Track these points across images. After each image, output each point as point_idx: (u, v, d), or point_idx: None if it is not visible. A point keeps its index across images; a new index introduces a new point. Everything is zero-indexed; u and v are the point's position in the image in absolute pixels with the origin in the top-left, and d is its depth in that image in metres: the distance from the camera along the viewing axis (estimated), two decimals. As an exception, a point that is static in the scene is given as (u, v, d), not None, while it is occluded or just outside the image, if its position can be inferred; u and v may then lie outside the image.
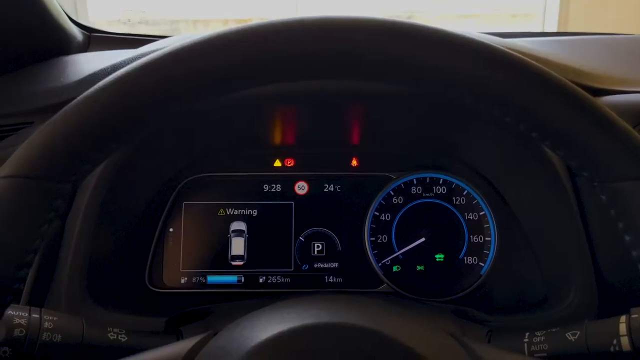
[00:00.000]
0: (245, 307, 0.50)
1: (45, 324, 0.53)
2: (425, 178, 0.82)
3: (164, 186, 0.81)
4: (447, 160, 0.82)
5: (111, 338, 0.58)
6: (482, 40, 0.42)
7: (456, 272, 0.80)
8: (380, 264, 0.81)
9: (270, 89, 0.66)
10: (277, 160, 0.83)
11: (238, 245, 0.81)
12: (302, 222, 0.82)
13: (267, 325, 0.43)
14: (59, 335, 0.54)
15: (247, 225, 0.82)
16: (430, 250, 0.80)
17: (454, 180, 0.82)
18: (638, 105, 0.71)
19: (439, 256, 0.80)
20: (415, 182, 0.82)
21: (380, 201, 0.82)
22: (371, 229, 0.81)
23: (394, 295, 0.80)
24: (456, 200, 0.81)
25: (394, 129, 0.82)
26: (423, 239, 0.80)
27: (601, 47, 0.93)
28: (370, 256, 0.81)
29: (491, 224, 0.80)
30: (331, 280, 0.81)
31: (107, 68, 0.77)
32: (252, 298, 0.74)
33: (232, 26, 0.43)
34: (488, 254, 0.80)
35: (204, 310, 0.69)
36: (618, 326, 0.53)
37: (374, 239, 0.81)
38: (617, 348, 0.52)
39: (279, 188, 0.83)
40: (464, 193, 0.81)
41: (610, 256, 0.68)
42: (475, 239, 0.80)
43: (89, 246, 0.69)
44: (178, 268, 0.80)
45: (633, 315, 0.52)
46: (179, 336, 0.63)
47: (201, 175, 0.82)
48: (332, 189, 0.83)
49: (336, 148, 0.84)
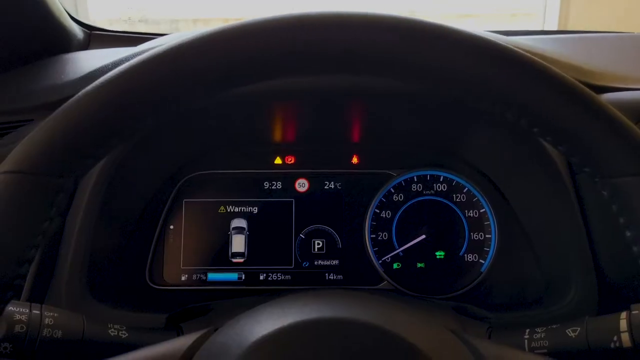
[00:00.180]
0: (245, 304, 0.50)
1: (46, 320, 0.53)
2: (426, 175, 0.82)
3: (165, 183, 0.81)
4: (448, 158, 0.82)
5: (112, 334, 0.58)
6: (484, 36, 0.42)
7: (456, 270, 0.80)
8: (380, 261, 0.81)
9: (271, 86, 0.66)
10: (278, 158, 0.83)
11: (238, 243, 0.81)
12: (303, 220, 0.82)
13: (268, 321, 0.43)
14: (60, 332, 0.54)
15: (248, 222, 0.82)
16: (430, 248, 0.80)
17: (454, 177, 0.82)
18: (638, 102, 0.71)
19: (440, 253, 0.80)
20: (415, 180, 0.82)
21: (381, 198, 0.82)
22: (372, 226, 0.81)
23: (395, 292, 0.80)
24: (456, 197, 0.81)
25: (395, 127, 0.82)
26: (423, 236, 0.80)
27: (602, 45, 0.93)
28: (370, 253, 0.81)
29: (491, 222, 0.80)
30: (331, 277, 0.81)
31: (108, 65, 0.77)
32: (253, 295, 0.74)
33: (232, 22, 0.43)
34: (488, 251, 0.80)
35: (204, 307, 0.69)
36: (618, 322, 0.53)
37: (374, 236, 0.81)
38: (618, 344, 0.52)
39: (279, 185, 0.83)
40: (465, 190, 0.81)
41: (610, 253, 0.68)
42: (476, 237, 0.80)
43: (89, 243, 0.69)
44: (178, 265, 0.80)
45: (633, 312, 0.52)
46: (179, 333, 0.63)
47: (202, 172, 0.82)
48: (333, 187, 0.83)
49: (337, 145, 0.84)
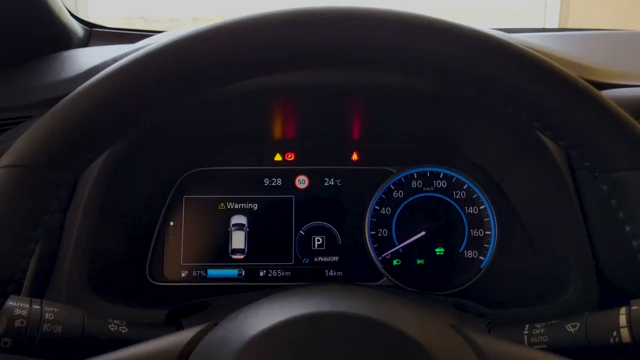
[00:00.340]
0: (245, 300, 0.50)
1: (46, 315, 0.53)
2: (426, 172, 0.82)
3: (165, 180, 0.81)
4: (448, 154, 0.82)
5: (112, 330, 0.58)
6: (485, 30, 0.42)
7: (456, 266, 0.80)
8: (380, 258, 0.81)
9: (271, 82, 0.67)
10: (278, 154, 0.83)
11: (238, 239, 0.81)
12: (303, 216, 0.82)
13: (268, 315, 0.43)
14: (60, 327, 0.54)
15: (248, 219, 0.82)
16: (430, 244, 0.81)
17: (454, 174, 0.82)
18: (639, 98, 0.71)
19: (439, 250, 0.80)
20: (415, 176, 0.82)
21: (381, 195, 0.82)
22: (371, 222, 0.81)
23: (394, 288, 0.80)
24: (456, 194, 0.81)
25: (395, 124, 0.82)
26: (423, 233, 0.81)
27: (602, 42, 0.94)
28: (370, 250, 0.81)
29: (491, 218, 0.80)
30: (331, 273, 0.81)
31: (108, 62, 0.77)
32: (253, 291, 0.74)
33: (233, 17, 0.43)
34: (488, 247, 0.80)
35: (204, 303, 0.69)
36: (618, 318, 0.53)
37: (374, 232, 0.81)
38: (617, 340, 0.52)
39: (279, 182, 0.83)
40: (464, 187, 0.81)
41: (610, 249, 0.68)
42: (476, 233, 0.80)
43: (90, 239, 0.69)
44: (179, 261, 0.80)
45: (633, 307, 0.53)
46: (179, 328, 0.63)
47: (202, 169, 0.82)
48: (333, 183, 0.83)
49: (337, 142, 0.84)
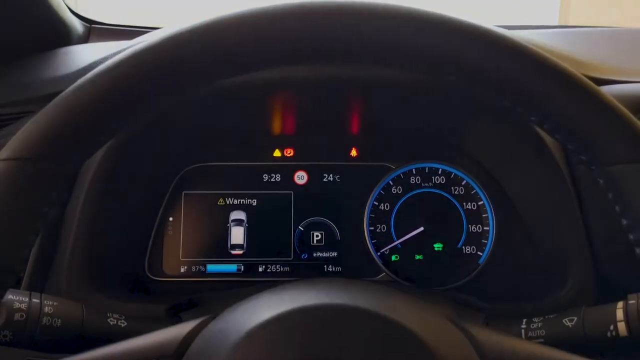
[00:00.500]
0: (244, 295, 0.50)
1: (46, 309, 0.54)
2: (424, 168, 0.82)
3: (164, 175, 0.81)
4: (446, 150, 0.82)
5: (111, 323, 0.58)
6: (483, 25, 0.42)
7: (454, 262, 0.80)
8: (379, 253, 0.81)
9: (270, 77, 0.67)
10: (277, 150, 0.84)
11: (238, 235, 0.81)
12: (302, 212, 0.82)
13: (266, 307, 0.43)
14: (59, 320, 0.54)
15: (247, 214, 0.82)
16: (428, 240, 0.81)
17: (452, 170, 0.82)
18: (637, 94, 0.72)
19: (438, 245, 0.81)
20: (414, 172, 0.82)
21: (380, 191, 0.82)
22: (370, 218, 0.81)
23: (393, 284, 0.80)
24: (455, 190, 0.82)
25: (394, 119, 0.82)
26: (422, 229, 0.81)
27: (601, 39, 0.94)
28: (369, 245, 0.81)
29: (490, 214, 0.80)
30: (330, 269, 0.81)
31: (108, 57, 0.77)
32: (252, 286, 0.74)
33: (235, 10, 0.43)
34: (486, 243, 0.80)
35: (203, 298, 0.69)
36: (615, 312, 0.53)
37: (373, 228, 0.81)
38: (614, 333, 0.53)
39: (278, 178, 0.83)
40: (463, 183, 0.82)
41: (608, 244, 0.68)
42: (474, 229, 0.80)
43: (89, 234, 0.69)
44: (178, 257, 0.81)
45: (630, 301, 0.53)
46: (178, 322, 0.63)
47: (201, 164, 0.82)
48: (332, 179, 0.83)
49: (336, 138, 0.84)
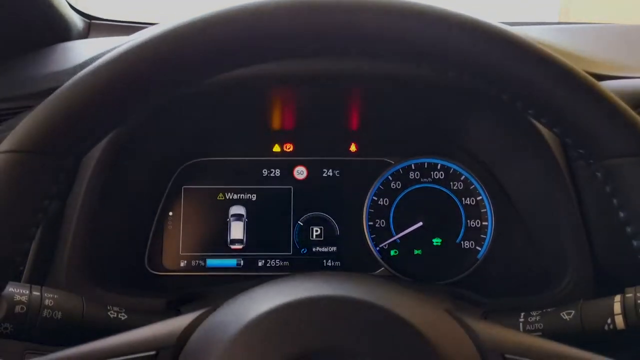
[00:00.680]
0: (244, 288, 0.51)
1: (46, 302, 0.54)
2: (424, 163, 0.83)
3: (164, 170, 0.81)
4: (445, 146, 0.83)
5: (111, 316, 0.59)
6: (484, 19, 0.42)
7: (453, 256, 0.80)
8: (378, 248, 0.81)
9: (270, 72, 0.67)
10: (277, 145, 0.84)
11: (237, 229, 0.82)
12: (301, 207, 0.82)
13: (265, 299, 0.43)
14: (59, 313, 0.54)
15: (246, 209, 0.82)
16: (427, 235, 0.81)
17: (451, 165, 0.82)
18: (637, 89, 0.72)
19: (437, 240, 0.81)
20: (413, 167, 0.83)
21: (379, 186, 0.82)
22: (369, 213, 0.82)
23: (392, 278, 0.80)
24: (454, 185, 0.82)
25: (393, 115, 0.82)
26: (421, 224, 0.81)
27: (602, 35, 0.94)
28: (368, 240, 0.81)
29: (488, 209, 0.81)
30: (329, 264, 0.82)
31: (107, 52, 0.77)
32: (252, 280, 0.74)
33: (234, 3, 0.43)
34: (485, 238, 0.80)
35: (203, 292, 0.69)
36: (613, 305, 0.54)
37: (372, 223, 0.82)
38: (612, 327, 0.53)
39: (278, 173, 0.83)
40: (462, 178, 0.82)
41: (606, 238, 0.68)
42: (473, 224, 0.81)
43: (89, 228, 0.69)
44: (177, 251, 0.81)
45: (627, 295, 0.53)
46: (178, 315, 0.63)
47: (201, 159, 0.83)
48: (331, 174, 0.83)
49: (335, 133, 0.84)
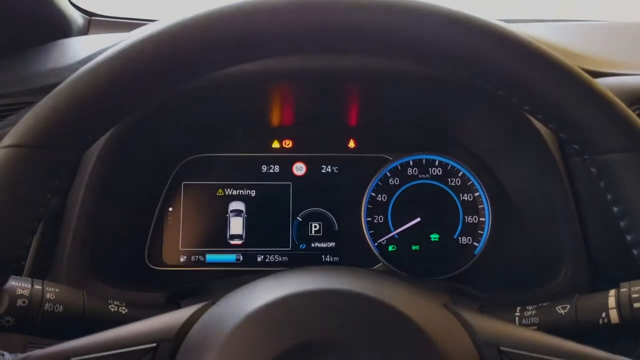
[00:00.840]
0: (243, 283, 0.51)
1: (48, 295, 0.54)
2: (422, 159, 0.83)
3: (164, 165, 0.82)
4: (443, 142, 0.83)
5: (112, 310, 0.59)
6: (477, 16, 0.43)
7: (451, 252, 0.81)
8: (376, 244, 0.82)
9: (269, 68, 0.67)
10: (276, 141, 0.84)
11: (236, 225, 0.82)
12: (300, 203, 0.83)
13: (264, 293, 0.44)
14: (61, 306, 0.55)
15: (246, 205, 0.83)
16: (425, 230, 0.82)
17: (449, 161, 0.83)
18: (633, 86, 0.72)
19: (434, 236, 0.82)
20: (411, 164, 0.83)
21: (377, 182, 0.83)
22: (368, 209, 0.82)
23: (390, 273, 0.81)
24: (451, 181, 0.82)
25: (391, 111, 0.83)
26: (418, 219, 0.82)
27: (599, 32, 0.94)
28: (366, 236, 0.82)
29: (485, 205, 0.81)
30: (328, 259, 0.82)
31: (107, 49, 0.77)
32: (251, 274, 0.75)
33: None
34: (482, 234, 0.81)
35: (202, 286, 0.70)
36: (607, 300, 0.54)
37: (370, 219, 0.82)
38: (606, 321, 0.54)
39: (277, 169, 0.84)
40: (459, 174, 0.83)
41: (601, 234, 0.69)
42: (470, 220, 0.81)
43: (89, 223, 0.70)
44: (177, 247, 0.81)
45: (622, 289, 0.54)
46: (178, 309, 0.64)
47: (200, 155, 0.83)
48: (330, 170, 0.84)
49: (334, 129, 0.85)
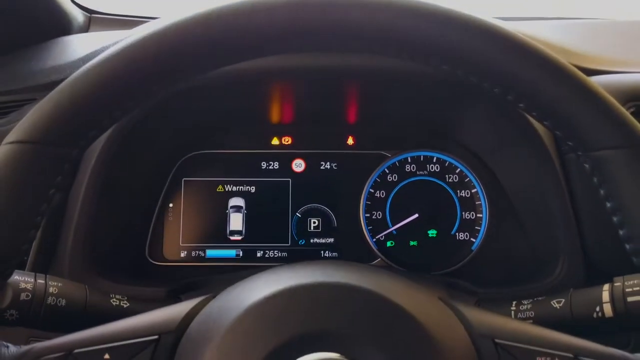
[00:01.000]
0: (243, 277, 0.52)
1: (50, 289, 0.55)
2: (420, 156, 0.84)
3: (164, 162, 0.83)
4: (441, 139, 0.84)
5: (114, 304, 0.60)
6: (473, 15, 0.44)
7: (448, 248, 0.82)
8: (374, 239, 0.83)
9: (269, 66, 0.68)
10: (275, 138, 0.85)
11: (236, 221, 0.83)
12: (299, 199, 0.84)
13: (264, 286, 0.45)
14: (64, 300, 0.56)
15: (245, 201, 0.84)
16: (423, 226, 0.83)
17: (447, 158, 0.84)
18: (627, 84, 0.73)
19: (432, 232, 0.83)
20: (409, 160, 0.84)
21: (376, 179, 0.84)
22: (366, 205, 0.83)
23: (388, 269, 0.82)
24: (449, 177, 0.83)
25: (389, 109, 0.83)
26: (416, 215, 0.83)
27: (594, 30, 0.95)
28: (365, 232, 0.83)
29: (483, 201, 0.82)
30: (327, 255, 0.83)
31: (108, 46, 0.77)
32: (251, 269, 0.76)
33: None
34: (479, 230, 0.82)
35: (203, 281, 0.71)
36: (601, 294, 0.55)
37: (368, 215, 0.83)
38: (600, 314, 0.55)
39: (276, 165, 0.84)
40: (457, 171, 0.83)
41: (596, 229, 0.70)
42: (467, 216, 0.82)
43: (91, 219, 0.70)
44: (178, 242, 0.82)
45: (616, 284, 0.55)
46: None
47: (200, 152, 0.84)
48: (329, 167, 0.85)
49: (333, 127, 0.86)
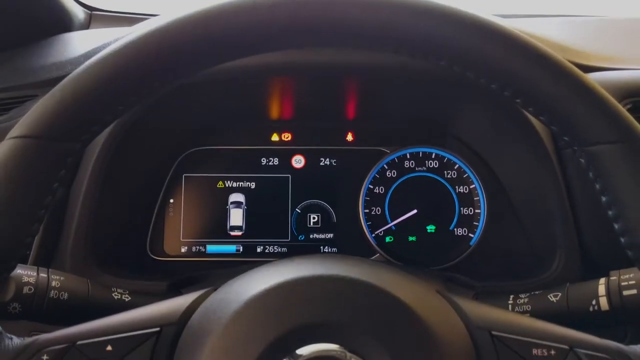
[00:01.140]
0: (244, 271, 0.53)
1: (53, 283, 0.56)
2: (418, 152, 0.85)
3: (165, 158, 0.83)
4: (440, 135, 0.85)
5: (115, 298, 0.61)
6: (470, 11, 0.44)
7: (447, 243, 0.83)
8: (373, 235, 0.83)
9: (269, 62, 0.69)
10: (275, 134, 0.86)
11: (237, 216, 0.84)
12: (299, 195, 0.85)
13: (265, 279, 0.45)
14: (66, 294, 0.56)
15: (246, 197, 0.84)
16: (422, 222, 0.83)
17: (445, 154, 0.84)
18: (624, 81, 0.74)
19: (431, 227, 0.83)
20: (408, 156, 0.85)
21: (375, 174, 0.84)
22: (365, 201, 0.84)
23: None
24: (448, 173, 0.84)
25: (389, 105, 0.84)
26: (415, 211, 0.83)
27: (590, 27, 0.96)
28: (364, 227, 0.83)
29: (481, 197, 0.83)
30: (326, 250, 0.84)
31: (109, 43, 0.78)
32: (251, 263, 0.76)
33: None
34: (478, 225, 0.83)
35: (203, 275, 0.72)
36: (597, 288, 0.56)
37: (368, 210, 0.84)
38: (596, 308, 0.55)
39: (276, 161, 0.85)
40: (455, 167, 0.84)
41: (592, 224, 0.71)
42: (466, 211, 0.83)
43: (92, 214, 0.71)
44: (178, 237, 0.83)
45: (612, 278, 0.56)
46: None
47: (201, 148, 0.85)
48: (328, 163, 0.85)
49: (332, 123, 0.86)
